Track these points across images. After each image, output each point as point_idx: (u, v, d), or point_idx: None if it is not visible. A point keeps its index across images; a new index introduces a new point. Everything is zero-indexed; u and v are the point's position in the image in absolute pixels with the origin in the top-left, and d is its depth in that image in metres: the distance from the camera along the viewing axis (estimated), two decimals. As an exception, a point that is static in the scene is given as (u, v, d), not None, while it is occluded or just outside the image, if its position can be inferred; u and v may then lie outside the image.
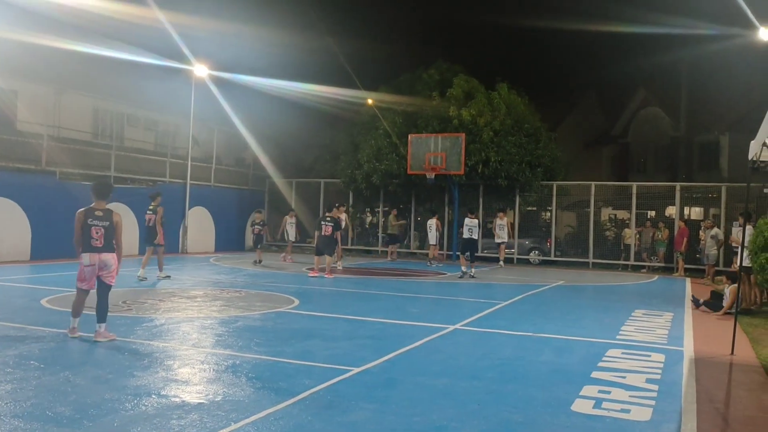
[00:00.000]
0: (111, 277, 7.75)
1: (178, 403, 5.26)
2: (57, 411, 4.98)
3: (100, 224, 7.60)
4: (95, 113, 23.61)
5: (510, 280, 17.01)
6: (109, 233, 7.64)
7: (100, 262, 7.60)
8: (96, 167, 20.54)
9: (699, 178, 30.26)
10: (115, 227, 7.71)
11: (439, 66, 26.10)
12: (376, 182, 23.88)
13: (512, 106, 23.62)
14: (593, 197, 22.74)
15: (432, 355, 7.51)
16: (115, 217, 7.75)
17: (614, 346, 8.23)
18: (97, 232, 7.56)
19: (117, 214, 7.81)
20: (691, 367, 7.24)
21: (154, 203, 14.55)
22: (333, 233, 15.92)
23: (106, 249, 7.63)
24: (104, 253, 7.61)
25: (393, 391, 5.87)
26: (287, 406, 5.25)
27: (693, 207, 25.31)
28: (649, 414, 5.42)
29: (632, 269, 21.46)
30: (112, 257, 7.68)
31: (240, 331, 8.52)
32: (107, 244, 7.64)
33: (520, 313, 11.20)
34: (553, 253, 23.08)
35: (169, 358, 6.84)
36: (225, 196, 25.76)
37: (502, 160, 22.45)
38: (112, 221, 7.70)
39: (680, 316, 11.09)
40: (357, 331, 8.92)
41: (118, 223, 7.77)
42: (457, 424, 5.01)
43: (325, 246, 15.93)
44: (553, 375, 6.66)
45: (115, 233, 7.71)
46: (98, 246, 7.57)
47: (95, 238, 7.55)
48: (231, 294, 12.22)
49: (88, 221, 7.60)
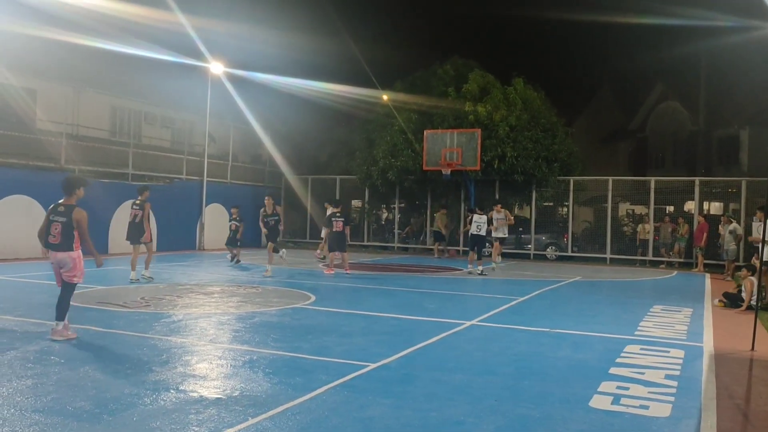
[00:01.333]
0: (73, 276, 7.42)
1: (196, 398, 5.30)
2: (77, 405, 5.03)
3: (58, 220, 7.33)
4: (113, 111, 23.82)
5: (526, 275, 16.94)
6: (66, 230, 7.29)
7: (55, 260, 7.38)
8: (114, 165, 20.75)
9: (718, 172, 29.96)
10: (75, 224, 7.30)
11: (455, 62, 26.00)
12: (391, 178, 23.86)
13: (528, 101, 23.48)
14: (610, 192, 22.57)
15: (448, 351, 7.50)
16: (75, 214, 7.34)
17: (633, 341, 8.17)
18: (56, 228, 7.31)
19: (79, 211, 7.38)
20: (711, 363, 7.17)
21: (141, 198, 13.40)
22: (344, 228, 16.07)
23: (62, 247, 7.32)
24: (60, 251, 7.33)
25: (409, 387, 5.87)
26: (304, 401, 5.26)
27: (712, 202, 25.06)
28: (669, 410, 5.37)
29: (650, 265, 21.28)
30: (68, 256, 7.33)
31: (257, 327, 8.56)
32: (64, 241, 7.31)
33: (536, 308, 11.15)
34: (570, 248, 22.95)
35: (187, 354, 6.89)
36: (241, 193, 25.85)
37: (518, 155, 22.34)
38: (70, 217, 7.31)
39: (699, 312, 10.99)
40: (373, 326, 8.92)
41: (80, 220, 7.33)
42: (473, 419, 5.00)
43: (339, 242, 16.06)
44: (570, 371, 6.62)
45: (75, 230, 7.32)
46: (54, 243, 7.32)
47: (53, 235, 7.32)
48: (248, 290, 12.29)
49: (50, 217, 7.39)
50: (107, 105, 23.43)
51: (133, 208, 13.36)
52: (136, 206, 13.29)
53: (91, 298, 10.53)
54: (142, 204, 13.25)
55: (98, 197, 18.06)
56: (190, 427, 4.62)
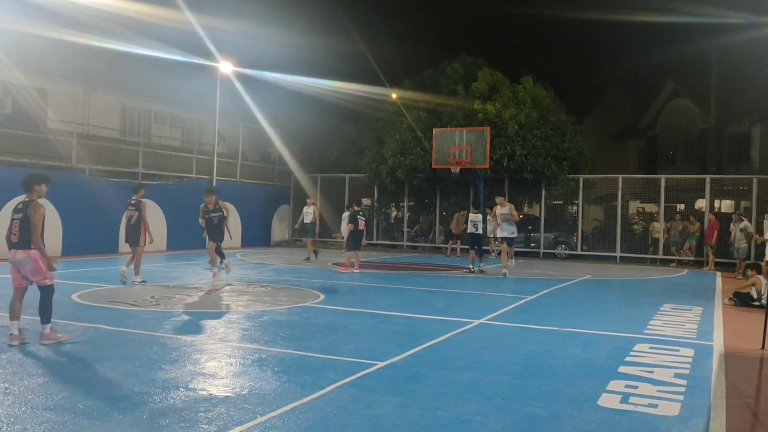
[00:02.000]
0: (43, 279, 7.08)
1: (206, 396, 5.33)
2: (87, 404, 5.08)
3: (17, 217, 7.04)
4: (123, 111, 23.95)
5: (536, 274, 16.90)
6: (24, 226, 6.94)
7: (14, 259, 7.05)
8: (124, 164, 20.87)
9: (729, 170, 29.76)
10: (29, 220, 6.92)
11: (463, 60, 25.97)
12: (400, 177, 23.86)
13: (537, 99, 23.42)
14: (620, 190, 22.48)
15: (457, 350, 7.50)
16: (31, 209, 6.96)
17: (642, 340, 8.14)
18: (15, 226, 7.01)
19: (36, 206, 6.99)
20: (721, 361, 7.13)
21: (135, 197, 12.58)
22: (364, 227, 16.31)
23: (20, 245, 6.99)
24: (18, 249, 7.00)
25: (417, 385, 5.88)
26: (313, 400, 5.28)
27: (723, 200, 24.89)
28: (678, 409, 5.35)
29: (661, 263, 21.18)
30: (27, 255, 6.97)
31: (266, 326, 8.59)
32: (22, 239, 6.97)
33: (545, 307, 11.12)
34: (579, 247, 22.88)
35: (196, 352, 6.93)
36: (251, 191, 25.95)
37: (527, 153, 22.28)
38: (26, 213, 6.94)
39: (710, 311, 10.93)
40: (382, 325, 8.94)
41: (33, 213, 6.94)
42: (481, 418, 5.00)
43: (359, 241, 16.23)
44: (579, 369, 6.61)
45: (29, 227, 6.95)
46: (14, 241, 7.02)
47: (13, 233, 7.02)
48: (257, 289, 12.33)
49: (11, 214, 7.14)
50: (117, 104, 23.56)
51: (129, 209, 12.53)
52: (131, 207, 12.49)
53: (102, 297, 10.60)
54: (138, 204, 12.47)
55: (108, 197, 18.22)
56: (199, 425, 4.65)
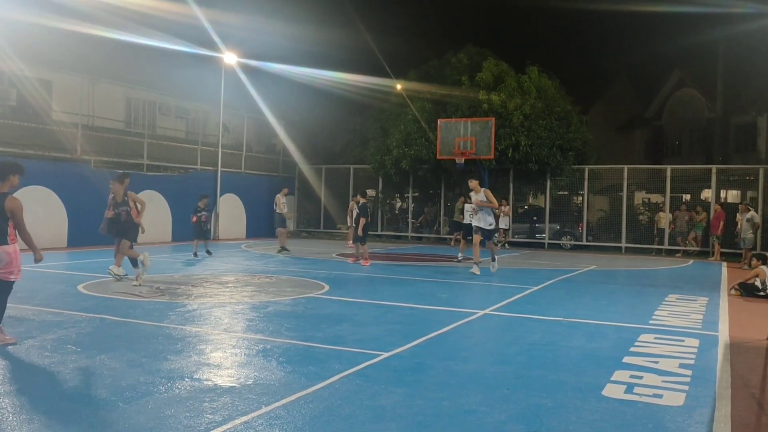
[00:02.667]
0: (9, 273, 6.62)
1: (211, 387, 5.34)
2: (93, 393, 5.10)
3: None
4: (128, 102, 23.96)
5: (541, 265, 16.88)
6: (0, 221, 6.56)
7: None
8: (129, 155, 20.90)
9: (735, 160, 29.62)
10: (9, 214, 6.52)
11: (468, 50, 25.89)
12: (405, 168, 23.84)
13: (543, 89, 23.34)
14: (626, 181, 22.42)
15: (461, 341, 7.51)
16: (8, 203, 6.51)
17: (647, 331, 8.12)
18: None
19: (12, 200, 6.55)
20: (726, 352, 7.12)
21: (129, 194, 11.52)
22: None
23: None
24: None
25: (422, 376, 5.88)
26: (317, 390, 5.29)
27: (729, 190, 24.81)
28: (683, 399, 5.34)
29: (666, 254, 21.12)
30: (2, 250, 6.53)
31: (271, 316, 8.61)
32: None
33: (550, 298, 11.11)
34: (584, 237, 22.84)
35: (201, 343, 6.95)
36: (256, 182, 25.97)
37: (532, 144, 22.22)
38: (2, 207, 6.50)
39: (715, 301, 10.91)
40: (386, 316, 8.94)
41: (13, 209, 6.52)
42: (486, 408, 5.00)
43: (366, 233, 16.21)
44: (583, 360, 6.60)
45: (9, 221, 6.55)
46: None
47: None
48: (262, 280, 12.35)
49: None
50: (122, 96, 23.58)
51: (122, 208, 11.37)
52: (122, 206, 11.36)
53: (107, 288, 10.64)
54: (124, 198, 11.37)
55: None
56: (204, 414, 4.66)
